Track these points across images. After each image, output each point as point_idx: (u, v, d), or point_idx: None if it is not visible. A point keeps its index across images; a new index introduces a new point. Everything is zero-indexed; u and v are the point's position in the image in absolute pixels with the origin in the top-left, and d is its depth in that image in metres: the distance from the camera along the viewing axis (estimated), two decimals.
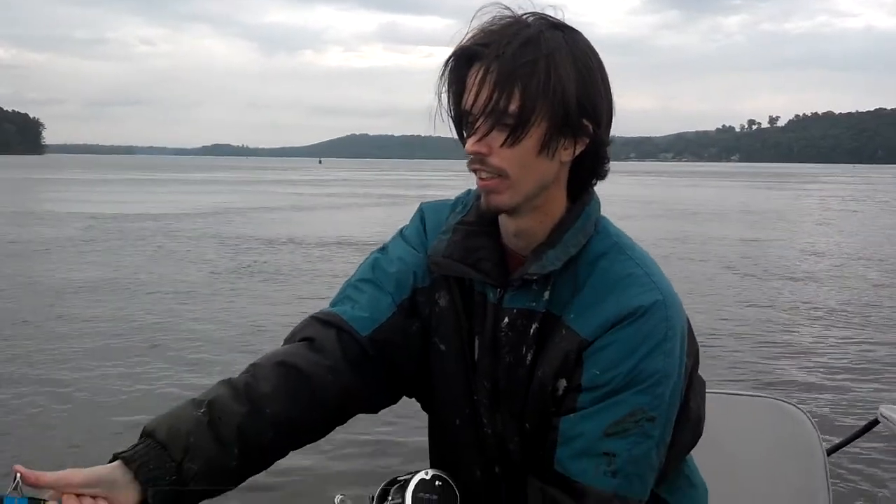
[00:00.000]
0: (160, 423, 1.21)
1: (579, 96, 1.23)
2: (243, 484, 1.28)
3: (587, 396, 1.24)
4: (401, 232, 1.49)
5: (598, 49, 1.28)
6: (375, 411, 1.45)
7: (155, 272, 13.70)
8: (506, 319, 1.32)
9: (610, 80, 1.29)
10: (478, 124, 1.23)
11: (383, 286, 1.41)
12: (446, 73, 1.28)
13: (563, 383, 1.27)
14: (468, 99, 1.24)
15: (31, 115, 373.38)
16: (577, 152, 1.28)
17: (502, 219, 1.35)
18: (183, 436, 1.19)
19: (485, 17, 1.25)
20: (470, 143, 1.25)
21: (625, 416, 1.23)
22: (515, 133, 1.22)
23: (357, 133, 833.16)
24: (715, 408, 1.51)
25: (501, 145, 1.23)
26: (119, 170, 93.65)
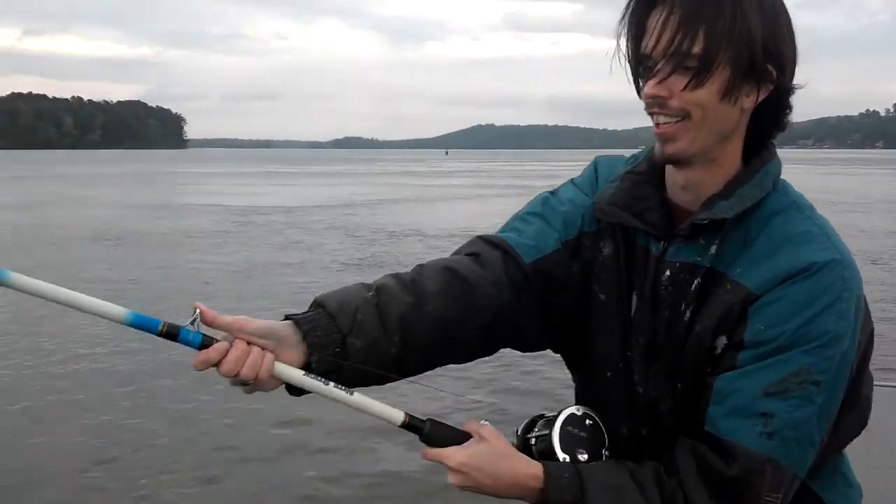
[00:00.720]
0: (331, 297, 1.25)
1: (765, 40, 1.18)
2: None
3: (749, 354, 1.18)
4: (572, 180, 1.47)
5: None
6: (523, 349, 1.44)
7: (284, 262, 14.06)
8: (667, 273, 1.28)
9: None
10: (658, 67, 1.20)
11: (551, 222, 1.40)
12: (626, 15, 1.25)
13: (722, 341, 1.21)
14: (649, 42, 1.21)
15: (174, 111, 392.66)
16: (760, 99, 1.23)
17: (670, 171, 1.31)
18: (352, 311, 1.23)
19: None
20: (649, 86, 1.21)
21: (788, 374, 1.15)
22: (699, 76, 1.18)
23: (483, 123, 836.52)
24: (874, 401, 1.39)
25: (683, 89, 1.19)
26: (256, 163, 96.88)
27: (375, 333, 1.24)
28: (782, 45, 1.21)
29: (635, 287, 1.33)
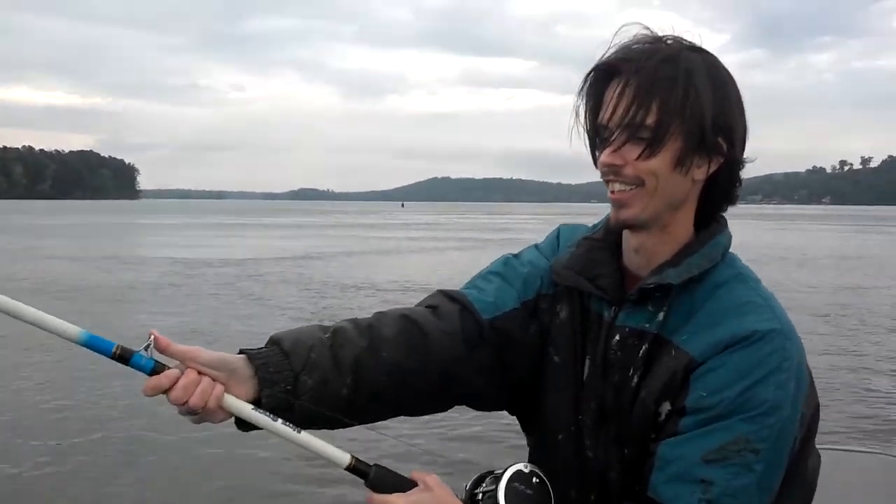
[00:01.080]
0: (287, 335, 1.27)
1: (715, 114, 1.24)
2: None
3: (690, 420, 1.20)
4: (535, 245, 1.52)
5: None
6: (478, 407, 1.45)
7: (234, 318, 13.82)
8: (616, 337, 1.31)
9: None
10: (614, 136, 1.25)
11: (511, 281, 1.43)
12: (585, 88, 1.30)
13: (666, 406, 1.24)
14: (605, 113, 1.26)
15: (127, 161, 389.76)
16: (711, 171, 1.28)
17: (626, 236, 1.36)
18: (306, 350, 1.25)
19: (625, 36, 1.28)
20: (605, 155, 1.26)
21: (727, 442, 1.17)
22: (652, 147, 1.23)
23: (439, 176, 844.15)
24: (821, 464, 1.40)
25: (637, 158, 1.24)
26: (208, 214, 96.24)
27: (328, 374, 1.25)
28: (732, 120, 1.27)
29: (588, 351, 1.35)
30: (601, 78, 1.28)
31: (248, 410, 1.18)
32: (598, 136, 1.30)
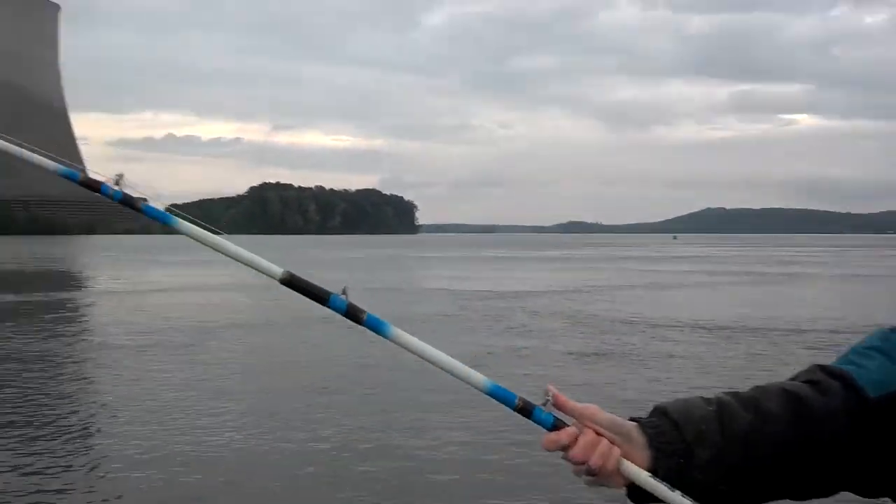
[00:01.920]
0: (673, 406, 1.24)
1: None
2: None
3: None
4: None
5: None
6: (864, 494, 1.35)
7: (511, 346, 14.20)
8: None
9: None
10: None
11: (894, 357, 1.32)
12: None
13: None
14: None
15: (406, 198, 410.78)
16: None
17: None
18: (696, 420, 1.22)
19: None
20: None
21: None
22: None
23: (712, 206, 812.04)
24: None
25: None
26: (479, 248, 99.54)
27: (720, 444, 1.22)
28: None
29: None
30: None
31: (645, 477, 1.18)
32: None
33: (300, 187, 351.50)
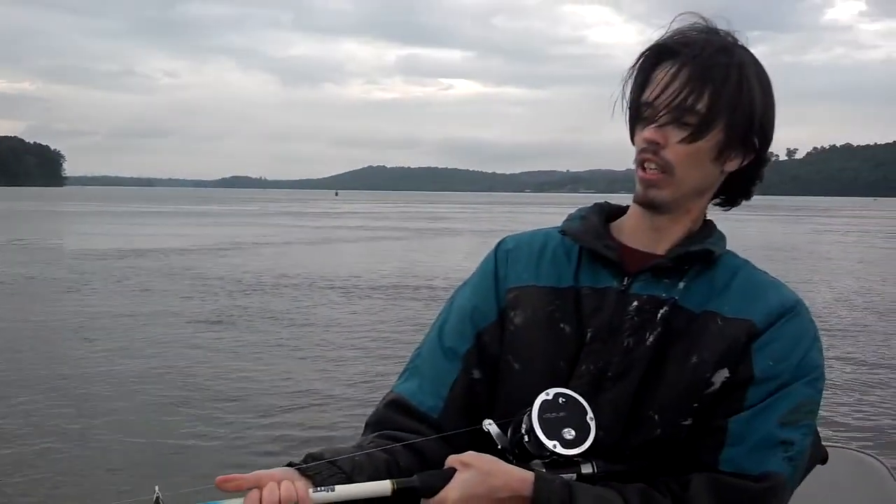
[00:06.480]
0: (325, 450, 1.30)
1: (761, 113, 1.31)
2: None
3: (760, 390, 1.26)
4: (465, 283, 1.53)
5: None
6: None
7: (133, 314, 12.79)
8: (634, 304, 1.34)
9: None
10: (659, 115, 1.28)
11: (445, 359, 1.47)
12: (637, 64, 1.33)
13: (723, 374, 1.28)
14: (653, 91, 1.30)
15: (53, 148, 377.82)
16: (741, 165, 1.35)
17: (635, 216, 1.40)
18: (349, 457, 1.28)
19: (683, 23, 1.32)
20: (649, 131, 1.29)
21: (795, 406, 1.26)
22: (697, 134, 1.28)
23: (374, 165, 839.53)
24: None
25: (679, 141, 1.28)
26: (134, 202, 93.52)
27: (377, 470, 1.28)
28: (771, 119, 1.33)
29: (585, 322, 1.36)
30: (653, 59, 1.31)
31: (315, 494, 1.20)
32: (639, 113, 1.32)
33: None
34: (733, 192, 1.40)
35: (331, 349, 10.37)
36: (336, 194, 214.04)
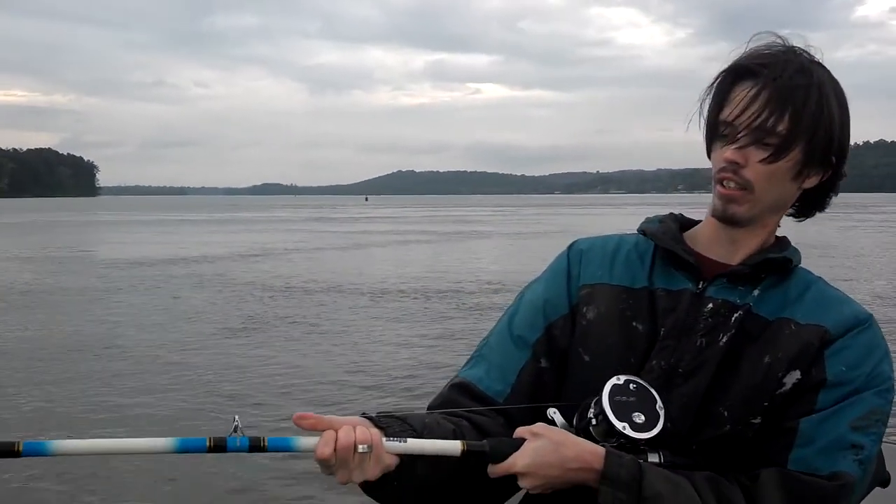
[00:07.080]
0: (394, 411, 1.34)
1: (840, 132, 1.33)
2: None
3: (831, 394, 1.29)
4: (537, 281, 1.56)
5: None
6: None
7: (171, 323, 12.94)
8: (709, 306, 1.37)
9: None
10: (740, 135, 1.31)
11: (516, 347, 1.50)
12: (715, 84, 1.36)
13: (795, 375, 1.30)
14: (732, 111, 1.32)
15: (86, 159, 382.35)
16: (818, 182, 1.37)
17: (712, 228, 1.43)
18: (418, 420, 1.32)
19: (760, 42, 1.35)
20: (729, 151, 1.32)
21: (866, 412, 1.28)
22: (778, 154, 1.30)
23: (403, 170, 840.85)
24: None
25: (759, 161, 1.31)
26: (166, 210, 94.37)
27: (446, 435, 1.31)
28: (848, 137, 1.35)
29: (658, 320, 1.39)
30: (732, 78, 1.33)
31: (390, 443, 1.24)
32: (717, 132, 1.35)
33: None
34: (809, 205, 1.43)
35: (361, 351, 10.40)
36: (366, 199, 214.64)
